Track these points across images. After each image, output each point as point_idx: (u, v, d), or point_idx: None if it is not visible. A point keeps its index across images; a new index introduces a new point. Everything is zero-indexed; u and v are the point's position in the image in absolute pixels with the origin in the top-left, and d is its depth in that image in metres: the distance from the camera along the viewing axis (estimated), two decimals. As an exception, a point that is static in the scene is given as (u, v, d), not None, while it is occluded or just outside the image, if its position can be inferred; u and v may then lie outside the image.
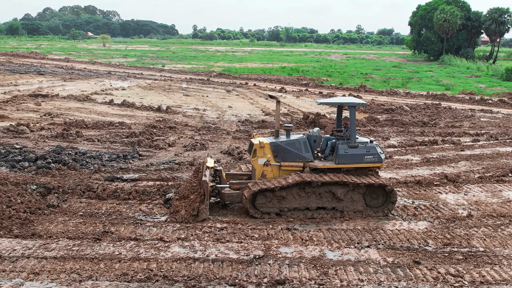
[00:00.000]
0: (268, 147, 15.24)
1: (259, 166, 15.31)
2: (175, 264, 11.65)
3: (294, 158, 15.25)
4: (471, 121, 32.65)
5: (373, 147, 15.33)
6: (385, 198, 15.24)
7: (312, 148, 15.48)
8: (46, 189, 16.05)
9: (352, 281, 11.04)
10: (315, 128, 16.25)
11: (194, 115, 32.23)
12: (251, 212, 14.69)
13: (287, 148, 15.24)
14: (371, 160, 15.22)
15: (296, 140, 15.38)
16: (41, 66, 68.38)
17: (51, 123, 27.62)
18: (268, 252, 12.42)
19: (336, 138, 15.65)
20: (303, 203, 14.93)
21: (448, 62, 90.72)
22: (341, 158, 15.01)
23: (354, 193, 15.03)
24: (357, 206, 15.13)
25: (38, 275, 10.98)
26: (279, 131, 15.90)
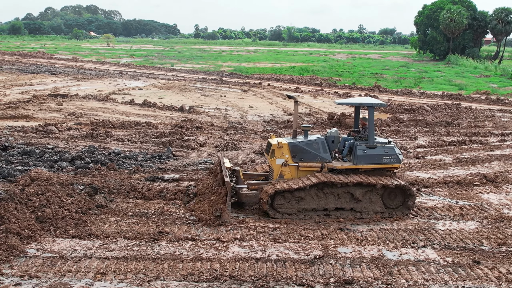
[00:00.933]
0: (286, 147, 15.24)
1: (277, 166, 15.31)
2: (238, 264, 11.70)
3: (312, 159, 15.26)
4: (492, 121, 32.70)
5: (391, 147, 15.31)
6: (403, 199, 15.20)
7: (330, 148, 15.48)
8: (93, 189, 16.08)
9: (418, 281, 11.09)
10: (333, 129, 16.23)
11: (217, 115, 32.29)
12: (270, 213, 14.66)
13: (305, 148, 15.25)
14: (390, 161, 15.20)
15: (314, 140, 15.39)
16: (51, 66, 68.44)
17: (78, 123, 27.68)
18: (327, 252, 12.47)
19: (354, 139, 15.65)
20: (321, 204, 14.90)
21: (455, 62, 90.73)
22: (360, 158, 15.01)
23: (372, 194, 15.00)
24: (375, 207, 15.09)
25: (105, 275, 11.03)
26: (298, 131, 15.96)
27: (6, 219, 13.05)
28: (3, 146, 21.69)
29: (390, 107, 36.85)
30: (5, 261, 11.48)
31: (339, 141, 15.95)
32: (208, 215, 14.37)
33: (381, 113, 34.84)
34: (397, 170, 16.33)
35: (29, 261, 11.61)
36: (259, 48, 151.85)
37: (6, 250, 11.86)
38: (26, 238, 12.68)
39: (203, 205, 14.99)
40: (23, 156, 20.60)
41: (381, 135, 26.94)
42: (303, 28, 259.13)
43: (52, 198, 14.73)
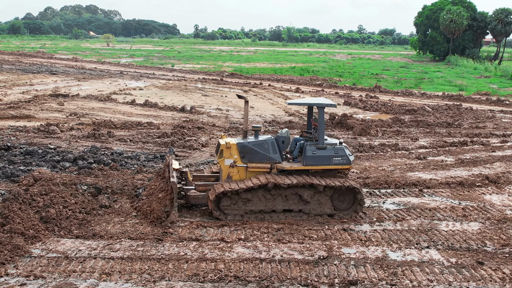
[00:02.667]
0: (234, 147, 14.98)
1: (226, 167, 15.08)
2: (242, 264, 11.72)
3: (261, 159, 14.99)
4: (493, 122, 32.75)
5: (342, 148, 15.05)
6: (353, 201, 15.11)
7: (281, 149, 15.26)
8: (97, 190, 16.12)
9: (422, 282, 11.12)
10: (284, 129, 16.07)
11: (218, 116, 32.31)
12: (215, 214, 14.49)
13: (255, 149, 14.99)
14: (340, 162, 14.96)
15: (264, 141, 15.09)
16: (51, 65, 68.47)
17: (80, 123, 27.70)
18: (331, 252, 12.50)
19: (305, 139, 15.49)
20: (269, 206, 14.70)
21: (455, 63, 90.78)
22: (309, 159, 14.75)
23: (321, 195, 14.80)
24: (324, 208, 14.90)
25: (110, 276, 11.05)
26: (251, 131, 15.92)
27: (10, 219, 13.08)
28: (5, 146, 21.70)
29: (391, 107, 36.91)
30: (10, 261, 11.50)
31: (289, 142, 15.78)
32: (157, 212, 14.24)
33: (382, 114, 34.92)
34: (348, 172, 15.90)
35: (34, 261, 11.63)
36: (259, 48, 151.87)
37: (11, 250, 11.88)
38: (31, 238, 12.69)
39: (151, 203, 14.78)
40: (25, 156, 20.62)
41: (382, 135, 27.01)
42: (302, 29, 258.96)
43: (56, 198, 14.75)
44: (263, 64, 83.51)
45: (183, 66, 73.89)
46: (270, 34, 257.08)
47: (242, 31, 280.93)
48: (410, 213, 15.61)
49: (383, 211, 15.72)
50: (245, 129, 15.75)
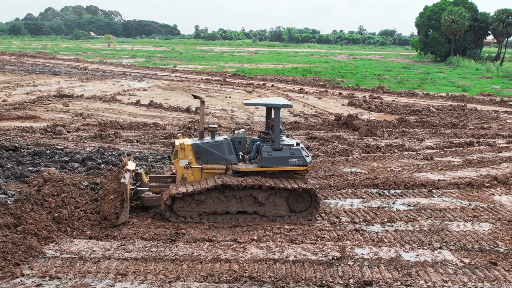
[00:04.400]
0: (189, 148, 14.81)
1: (181, 168, 14.92)
2: (257, 265, 11.74)
3: (217, 160, 14.86)
4: (498, 122, 32.75)
5: (298, 149, 14.90)
6: (309, 203, 14.91)
7: (237, 150, 15.18)
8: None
9: (437, 282, 11.14)
10: (241, 130, 15.95)
11: (224, 116, 32.31)
12: (167, 216, 14.34)
13: (210, 150, 14.81)
14: (296, 163, 14.82)
15: (219, 141, 14.95)
16: (53, 66, 68.51)
17: (86, 124, 27.70)
18: (344, 253, 12.52)
19: (261, 140, 15.38)
20: (223, 207, 14.56)
21: (456, 63, 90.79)
22: (265, 161, 14.63)
23: (276, 197, 14.67)
24: (279, 210, 14.74)
25: (125, 276, 11.07)
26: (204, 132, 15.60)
27: (23, 220, 13.13)
28: (13, 146, 21.73)
29: (396, 108, 36.96)
30: (24, 262, 11.53)
31: (246, 143, 15.71)
32: (106, 213, 14.15)
33: (387, 115, 34.95)
34: (306, 173, 15.97)
35: (48, 261, 11.66)
36: (260, 49, 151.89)
37: (25, 251, 11.91)
38: (44, 239, 12.72)
39: (104, 205, 14.68)
40: (33, 157, 20.64)
41: (388, 136, 27.04)
42: (303, 29, 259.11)
43: (67, 199, 14.80)
44: (265, 64, 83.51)
45: (185, 67, 73.88)
46: (271, 34, 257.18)
47: (242, 32, 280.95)
48: (420, 213, 15.62)
49: (393, 212, 15.73)
50: (201, 130, 15.56)
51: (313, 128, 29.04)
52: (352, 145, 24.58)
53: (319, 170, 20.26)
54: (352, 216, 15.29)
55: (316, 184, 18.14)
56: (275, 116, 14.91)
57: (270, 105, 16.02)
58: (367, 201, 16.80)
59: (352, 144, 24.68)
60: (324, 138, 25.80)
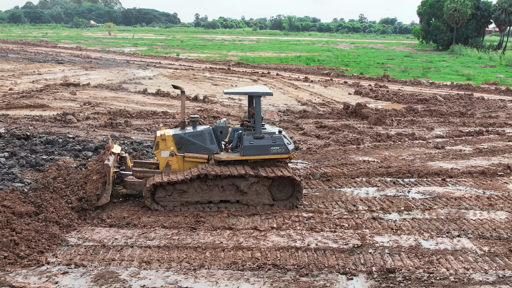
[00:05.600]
0: (170, 139, 14.88)
1: (163, 159, 14.92)
2: (279, 253, 11.83)
3: (198, 150, 14.87)
4: (505, 111, 32.76)
5: (280, 137, 14.89)
6: (292, 190, 14.97)
7: (219, 139, 15.16)
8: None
9: (458, 270, 11.21)
10: (222, 119, 15.94)
11: (232, 105, 32.36)
12: (148, 205, 14.38)
13: (191, 140, 14.87)
14: (278, 151, 14.85)
15: (201, 131, 15.00)
16: (56, 54, 68.47)
17: (95, 113, 27.72)
18: (365, 241, 12.60)
19: (243, 129, 15.36)
20: (205, 197, 14.61)
21: (459, 52, 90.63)
22: (246, 149, 14.66)
23: (258, 185, 14.69)
24: (262, 199, 14.79)
25: (150, 264, 11.17)
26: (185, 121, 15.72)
27: (44, 208, 13.20)
28: (24, 135, 21.78)
29: (403, 97, 37.00)
30: (48, 250, 11.64)
31: (228, 132, 15.73)
32: (88, 193, 14.23)
33: (394, 103, 34.99)
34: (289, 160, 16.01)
35: (71, 249, 11.77)
36: (261, 37, 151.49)
37: (48, 239, 12.01)
38: (65, 227, 12.83)
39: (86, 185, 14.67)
40: (46, 146, 20.69)
41: (397, 125, 27.10)
42: (303, 17, 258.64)
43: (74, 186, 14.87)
44: (267, 53, 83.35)
45: (188, 55, 73.73)
46: (271, 23, 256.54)
47: (243, 20, 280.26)
48: (436, 202, 15.69)
49: (409, 200, 15.81)
50: (182, 120, 15.60)
51: (322, 117, 29.09)
52: (362, 134, 24.63)
53: (332, 159, 20.32)
54: (368, 204, 15.37)
55: (329, 173, 18.21)
56: (256, 104, 14.89)
57: (250, 94, 15.96)
58: (382, 189, 16.89)
59: (363, 133, 24.73)
60: (334, 127, 25.85)
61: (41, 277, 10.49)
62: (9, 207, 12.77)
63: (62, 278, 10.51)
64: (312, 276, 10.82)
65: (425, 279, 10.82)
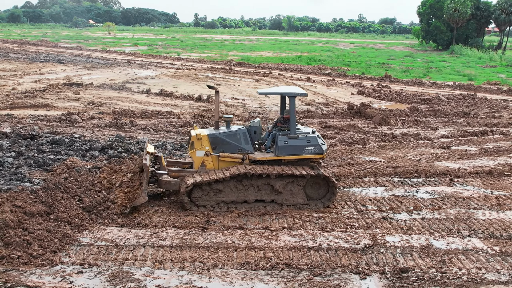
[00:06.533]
0: (205, 139, 14.93)
1: (198, 158, 15.01)
2: (291, 252, 11.87)
3: (233, 150, 14.95)
4: (508, 111, 32.81)
5: (314, 138, 15.04)
6: (326, 190, 15.11)
7: (253, 139, 15.24)
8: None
9: (471, 270, 11.26)
10: (256, 119, 16.01)
11: (236, 105, 32.36)
12: (185, 205, 14.44)
13: (226, 140, 14.95)
14: (312, 151, 14.98)
15: (235, 131, 15.06)
16: (57, 54, 68.42)
17: (100, 112, 27.72)
18: (376, 241, 12.64)
19: (277, 129, 15.42)
20: (240, 196, 14.72)
21: (459, 52, 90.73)
22: (281, 149, 14.76)
23: (293, 185, 14.83)
24: (297, 198, 14.92)
25: (163, 264, 11.20)
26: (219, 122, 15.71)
27: (55, 208, 13.21)
28: (30, 135, 21.78)
29: (406, 97, 37.04)
30: (61, 249, 11.66)
31: (261, 132, 15.85)
32: (125, 200, 14.33)
33: (397, 103, 35.03)
34: (322, 161, 16.15)
35: (84, 249, 11.79)
36: (260, 37, 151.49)
37: (60, 239, 12.04)
38: (77, 227, 12.86)
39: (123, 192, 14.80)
40: (53, 145, 20.69)
41: (401, 125, 27.13)
42: (303, 17, 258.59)
43: (86, 186, 14.87)
44: (268, 53, 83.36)
45: (189, 55, 73.70)
46: (270, 23, 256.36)
47: (242, 20, 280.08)
48: (445, 202, 15.74)
49: (418, 200, 15.85)
50: (217, 120, 15.62)
51: (326, 116, 29.11)
52: (368, 134, 24.65)
53: (338, 159, 20.35)
54: (377, 204, 15.41)
55: (337, 172, 18.24)
56: (290, 105, 14.98)
57: (285, 94, 16.08)
58: (391, 189, 16.93)
59: (368, 133, 24.75)
60: (339, 127, 25.88)
61: (55, 276, 10.52)
62: (21, 207, 12.82)
63: (76, 277, 10.54)
64: (325, 276, 10.86)
65: (438, 278, 10.87)
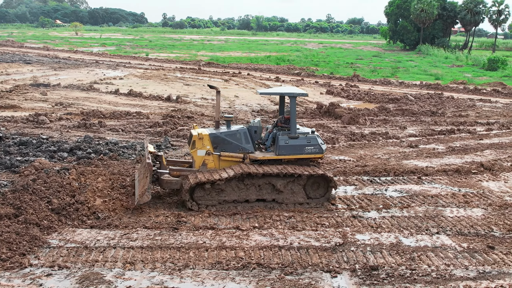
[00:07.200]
0: (207, 138, 15.00)
1: (199, 157, 15.08)
2: (262, 252, 11.89)
3: (234, 149, 15.04)
4: (474, 110, 33.37)
5: (314, 137, 15.20)
6: (326, 189, 15.30)
7: (253, 139, 15.34)
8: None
9: (440, 266, 11.42)
10: (256, 119, 16.31)
11: (205, 105, 32.29)
12: (188, 205, 14.50)
13: (227, 139, 15.02)
14: (312, 151, 15.16)
15: (236, 131, 15.16)
16: (23, 54, 67.58)
17: (68, 113, 27.42)
18: (346, 239, 12.73)
19: (278, 129, 15.54)
20: (242, 195, 14.80)
21: (426, 52, 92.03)
22: (282, 149, 14.90)
23: (294, 184, 14.96)
24: (297, 197, 15.07)
25: (134, 265, 11.12)
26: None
27: (23, 210, 13.03)
28: (-3, 136, 21.47)
29: (375, 96, 37.38)
30: (30, 252, 11.50)
31: (261, 132, 16.02)
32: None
33: (366, 103, 35.34)
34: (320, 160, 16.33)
35: (53, 251, 11.65)
36: (229, 37, 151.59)
37: (29, 241, 11.87)
38: (46, 229, 12.68)
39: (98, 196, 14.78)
40: (20, 147, 20.41)
41: (370, 124, 27.39)
42: (271, 17, 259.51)
43: (64, 189, 14.68)
44: (237, 53, 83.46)
45: (158, 55, 73.36)
46: (239, 23, 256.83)
47: (210, 20, 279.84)
48: (413, 200, 15.94)
49: (387, 198, 16.02)
50: (217, 119, 15.72)
51: (296, 116, 29.17)
52: (337, 133, 24.84)
53: (308, 158, 20.42)
54: (347, 203, 15.53)
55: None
56: (291, 105, 15.14)
57: (285, 94, 16.24)
58: (360, 188, 17.07)
59: (337, 132, 24.94)
60: (309, 127, 25.91)
61: (25, 279, 10.38)
62: (-13, 209, 12.60)
63: (46, 280, 10.41)
64: (297, 275, 10.90)
65: (408, 275, 10.99)
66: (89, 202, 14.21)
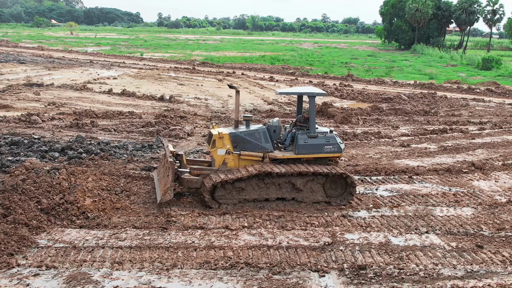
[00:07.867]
0: (227, 137, 15.12)
1: (219, 156, 15.20)
2: (251, 251, 11.88)
3: (253, 149, 15.17)
4: (467, 110, 33.45)
5: (333, 137, 15.34)
6: (344, 188, 15.37)
7: (272, 138, 15.45)
8: (93, 179, 16.02)
9: (428, 266, 11.44)
10: (275, 118, 16.33)
11: (198, 105, 32.28)
12: (208, 203, 14.61)
13: (247, 138, 15.15)
14: (331, 150, 15.28)
15: (255, 130, 15.30)
16: (18, 54, 67.41)
17: (60, 113, 27.38)
18: (335, 238, 12.74)
19: (296, 128, 15.68)
20: (262, 194, 14.91)
21: (420, 51, 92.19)
22: (301, 148, 15.02)
23: (313, 183, 15.07)
24: (316, 196, 15.17)
25: (122, 265, 11.11)
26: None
27: (12, 210, 12.99)
28: (-12, 136, 21.42)
29: (368, 96, 37.42)
30: (18, 252, 11.47)
31: (281, 131, 16.12)
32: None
33: (359, 102, 35.38)
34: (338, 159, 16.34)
35: (42, 251, 11.61)
36: (225, 37, 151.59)
37: (18, 241, 11.84)
38: (35, 229, 12.65)
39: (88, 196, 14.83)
40: (11, 147, 20.36)
41: (363, 123, 27.44)
42: (267, 17, 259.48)
43: (53, 189, 14.65)
44: (232, 52, 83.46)
45: (152, 55, 73.29)
46: (235, 22, 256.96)
47: (206, 20, 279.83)
48: (404, 199, 15.97)
49: (377, 198, 16.05)
50: (237, 119, 15.84)
51: (289, 116, 29.24)
52: (329, 132, 24.80)
53: (300, 158, 20.43)
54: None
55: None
56: (310, 104, 15.21)
57: (304, 94, 16.36)
58: (351, 187, 17.05)
59: (330, 132, 24.91)
60: (301, 126, 25.98)
61: (12, 279, 10.35)
62: (-24, 209, 12.57)
63: (33, 280, 10.39)
64: (284, 274, 10.91)
65: (395, 275, 11.01)
66: (79, 202, 14.15)
